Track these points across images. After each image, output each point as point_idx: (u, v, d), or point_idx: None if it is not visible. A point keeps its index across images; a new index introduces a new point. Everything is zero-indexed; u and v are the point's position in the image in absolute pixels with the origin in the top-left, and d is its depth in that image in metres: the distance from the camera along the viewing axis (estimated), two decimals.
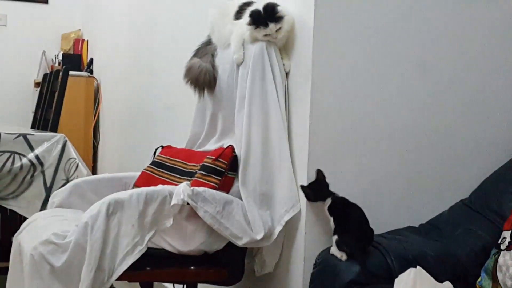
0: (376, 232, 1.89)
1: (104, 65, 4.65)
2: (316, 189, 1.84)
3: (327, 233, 1.88)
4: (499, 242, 1.71)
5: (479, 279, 1.72)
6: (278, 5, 1.92)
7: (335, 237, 1.75)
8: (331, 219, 1.80)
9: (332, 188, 1.90)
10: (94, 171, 4.62)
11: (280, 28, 1.92)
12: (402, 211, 1.98)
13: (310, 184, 1.85)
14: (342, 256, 1.72)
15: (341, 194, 1.91)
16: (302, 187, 1.85)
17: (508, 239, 1.67)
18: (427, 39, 1.98)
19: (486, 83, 2.05)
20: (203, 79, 2.15)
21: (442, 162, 2.02)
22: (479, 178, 1.98)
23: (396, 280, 1.12)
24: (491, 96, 2.06)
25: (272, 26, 1.91)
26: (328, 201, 1.82)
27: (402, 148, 1.98)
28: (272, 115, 1.94)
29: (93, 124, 4.68)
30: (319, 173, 1.86)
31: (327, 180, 1.86)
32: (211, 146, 2.17)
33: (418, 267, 1.09)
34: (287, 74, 1.99)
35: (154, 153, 2.32)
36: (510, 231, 1.68)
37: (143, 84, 3.67)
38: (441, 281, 1.06)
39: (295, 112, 1.96)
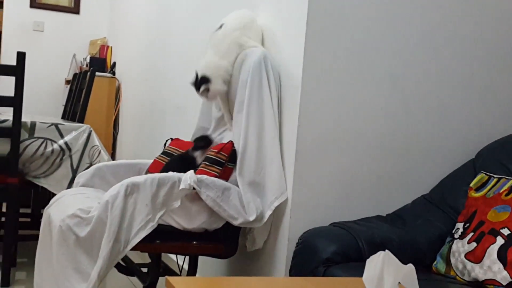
0: (349, 219, 1.89)
1: (125, 68, 4.62)
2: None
3: (308, 219, 1.87)
4: (453, 232, 1.70)
5: (435, 262, 1.71)
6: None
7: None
8: None
9: (314, 181, 1.89)
10: (113, 157, 4.58)
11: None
12: (372, 202, 1.97)
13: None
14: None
15: (322, 187, 1.90)
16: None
17: (461, 230, 1.66)
18: (397, 58, 1.97)
19: (448, 95, 2.04)
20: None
21: (408, 162, 2.01)
22: (439, 177, 1.98)
23: (368, 261, 1.11)
24: (451, 107, 2.05)
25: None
26: None
27: (375, 150, 1.97)
28: (267, 117, 1.92)
29: (113, 118, 4.65)
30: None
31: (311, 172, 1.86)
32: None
33: (386, 250, 1.07)
34: (280, 83, 1.98)
35: (164, 144, 2.30)
36: (463, 223, 1.68)
37: (157, 86, 3.65)
38: (402, 263, 1.05)
39: (286, 115, 1.94)
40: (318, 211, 1.91)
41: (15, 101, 2.53)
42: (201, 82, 2.01)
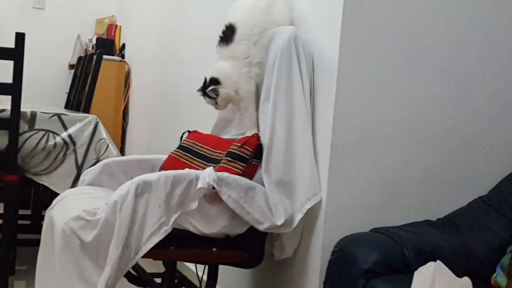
0: (393, 224, 1.88)
1: (135, 50, 4.66)
2: None
3: (346, 223, 1.86)
4: None
5: (494, 275, 1.69)
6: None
7: None
8: None
9: (352, 180, 1.87)
10: (122, 152, 4.63)
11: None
12: (420, 205, 1.95)
13: None
14: None
15: (362, 187, 1.88)
16: None
17: None
18: (453, 37, 1.94)
19: (510, 86, 2.00)
20: None
21: (464, 159, 1.99)
22: (499, 177, 1.95)
23: (416, 273, 1.09)
24: None
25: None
26: None
27: (424, 144, 1.95)
28: (297, 106, 1.92)
29: (122, 107, 4.69)
30: None
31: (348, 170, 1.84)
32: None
33: (438, 261, 1.06)
34: (313, 66, 1.96)
35: (181, 137, 2.31)
36: None
37: (172, 71, 3.67)
38: (456, 275, 1.03)
39: (320, 104, 1.93)
40: (357, 214, 1.90)
41: (14, 89, 2.56)
42: (209, 84, 2.02)
